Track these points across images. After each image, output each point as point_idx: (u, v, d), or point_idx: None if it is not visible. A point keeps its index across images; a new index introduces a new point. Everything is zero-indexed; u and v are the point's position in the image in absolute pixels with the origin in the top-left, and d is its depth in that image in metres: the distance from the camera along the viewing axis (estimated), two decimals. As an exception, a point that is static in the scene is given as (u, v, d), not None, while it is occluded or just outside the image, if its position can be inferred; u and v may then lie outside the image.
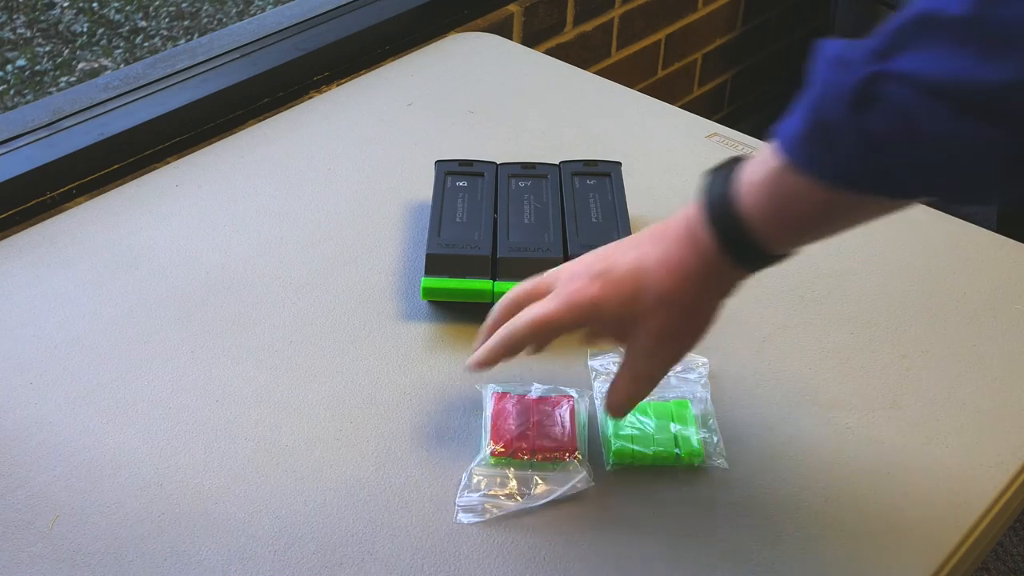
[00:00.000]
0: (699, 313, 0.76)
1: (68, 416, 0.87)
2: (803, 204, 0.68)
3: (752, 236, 0.71)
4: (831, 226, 0.72)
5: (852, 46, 0.63)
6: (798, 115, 0.67)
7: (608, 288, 0.76)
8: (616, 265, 0.77)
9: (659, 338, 0.76)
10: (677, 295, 0.74)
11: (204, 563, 0.76)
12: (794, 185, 0.68)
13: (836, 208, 0.68)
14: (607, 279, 0.77)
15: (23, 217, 1.13)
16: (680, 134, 1.26)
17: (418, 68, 1.37)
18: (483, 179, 1.07)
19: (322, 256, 1.05)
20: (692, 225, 0.74)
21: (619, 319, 0.77)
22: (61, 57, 2.73)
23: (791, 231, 0.72)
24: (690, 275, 0.74)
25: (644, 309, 0.75)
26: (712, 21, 2.12)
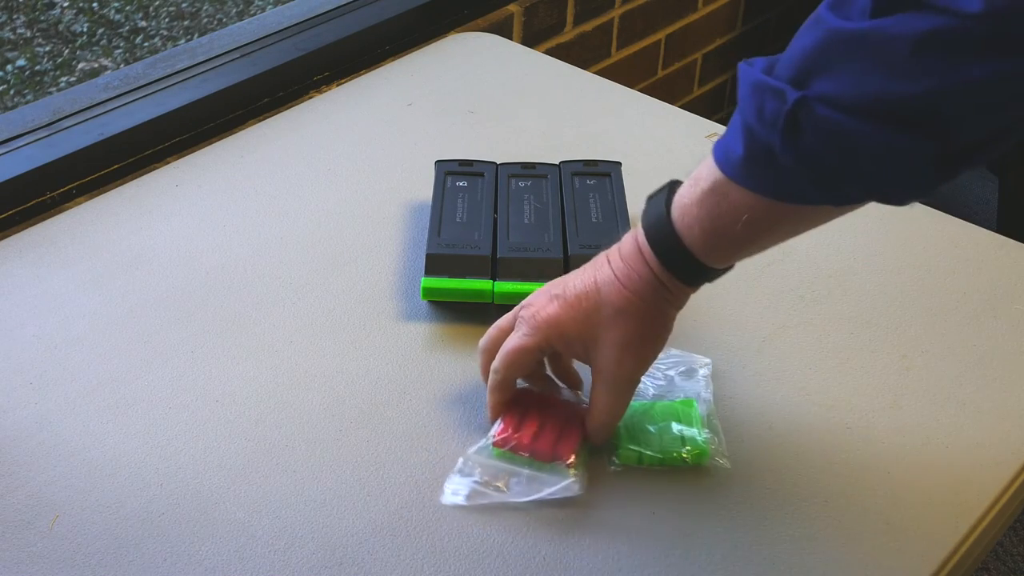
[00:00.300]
0: (656, 322, 0.81)
1: (68, 416, 0.87)
2: (745, 218, 0.73)
3: (691, 253, 0.77)
4: (776, 235, 0.77)
5: (771, 69, 0.67)
6: (736, 138, 0.70)
7: (566, 306, 0.81)
8: (572, 285, 0.82)
9: (622, 347, 0.80)
10: (632, 307, 0.79)
11: (204, 563, 0.76)
12: (737, 200, 0.72)
13: (783, 218, 0.73)
14: (564, 299, 0.81)
15: (23, 217, 1.13)
16: (680, 134, 1.26)
17: (418, 68, 1.37)
18: (483, 179, 1.07)
19: (322, 256, 1.05)
20: (640, 244, 0.80)
21: (580, 334, 0.81)
22: (61, 57, 2.73)
23: (732, 244, 0.77)
24: (641, 290, 0.79)
25: (603, 321, 0.80)
26: (712, 21, 2.12)
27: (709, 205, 0.76)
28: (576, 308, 0.80)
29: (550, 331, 0.81)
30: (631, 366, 0.81)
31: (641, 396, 0.88)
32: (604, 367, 0.81)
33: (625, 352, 0.80)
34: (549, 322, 0.81)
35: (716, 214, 0.75)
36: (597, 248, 0.98)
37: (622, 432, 0.85)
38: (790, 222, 0.75)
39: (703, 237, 0.76)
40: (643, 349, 0.81)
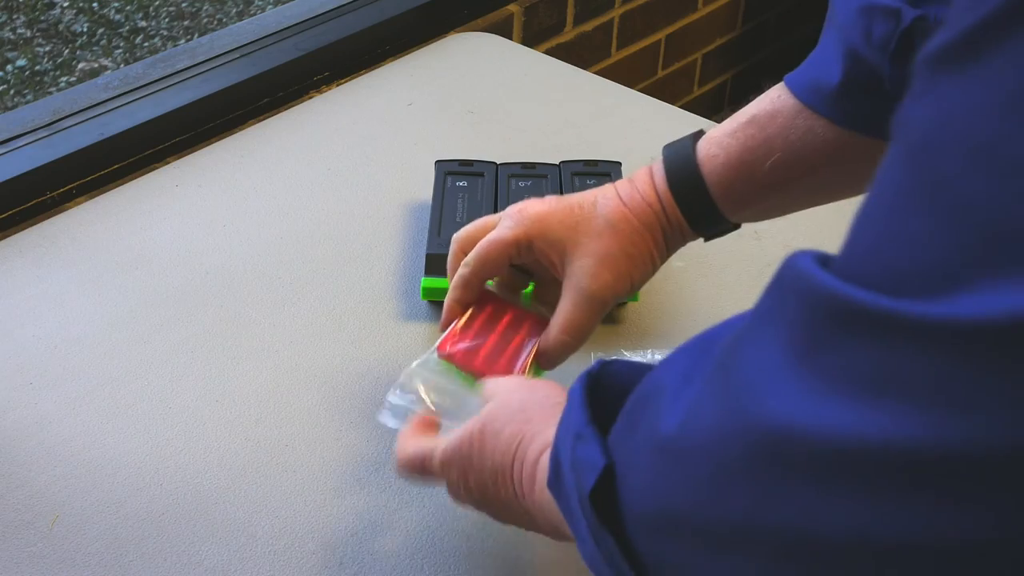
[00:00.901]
0: (643, 248, 0.77)
1: (68, 416, 0.87)
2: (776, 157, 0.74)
3: (705, 184, 0.76)
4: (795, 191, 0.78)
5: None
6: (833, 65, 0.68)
7: (557, 207, 0.78)
8: (571, 195, 0.80)
9: (602, 259, 0.76)
10: (624, 223, 0.76)
11: (204, 563, 0.76)
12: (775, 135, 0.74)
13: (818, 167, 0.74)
14: (558, 201, 0.79)
15: (23, 217, 1.13)
16: (680, 134, 1.25)
17: (418, 68, 1.37)
18: (483, 179, 1.07)
19: (322, 256, 1.05)
20: (653, 168, 0.78)
21: (563, 237, 0.77)
22: (61, 57, 2.73)
23: (749, 187, 0.76)
24: (639, 210, 0.77)
25: (591, 230, 0.77)
26: (712, 21, 2.12)
27: (743, 137, 0.74)
28: (566, 212, 0.78)
29: (533, 226, 0.77)
30: (606, 281, 0.77)
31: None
32: (577, 277, 0.77)
33: (603, 265, 0.76)
34: (535, 217, 0.78)
35: (747, 147, 0.73)
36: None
37: None
38: (821, 175, 0.72)
39: (724, 169, 0.75)
40: (622, 267, 0.77)
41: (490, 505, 0.67)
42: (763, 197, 0.76)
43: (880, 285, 0.36)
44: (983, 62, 0.34)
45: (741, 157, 0.74)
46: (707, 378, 0.44)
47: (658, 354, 0.91)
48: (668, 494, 0.45)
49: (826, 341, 0.38)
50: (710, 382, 0.44)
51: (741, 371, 0.41)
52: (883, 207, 0.38)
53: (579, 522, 0.51)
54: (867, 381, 0.36)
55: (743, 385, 0.41)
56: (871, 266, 0.37)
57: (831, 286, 0.37)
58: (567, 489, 0.53)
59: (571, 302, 0.77)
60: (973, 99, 0.34)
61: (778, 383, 0.39)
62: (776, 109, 0.75)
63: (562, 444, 0.54)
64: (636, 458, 0.48)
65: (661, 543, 0.47)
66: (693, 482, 0.43)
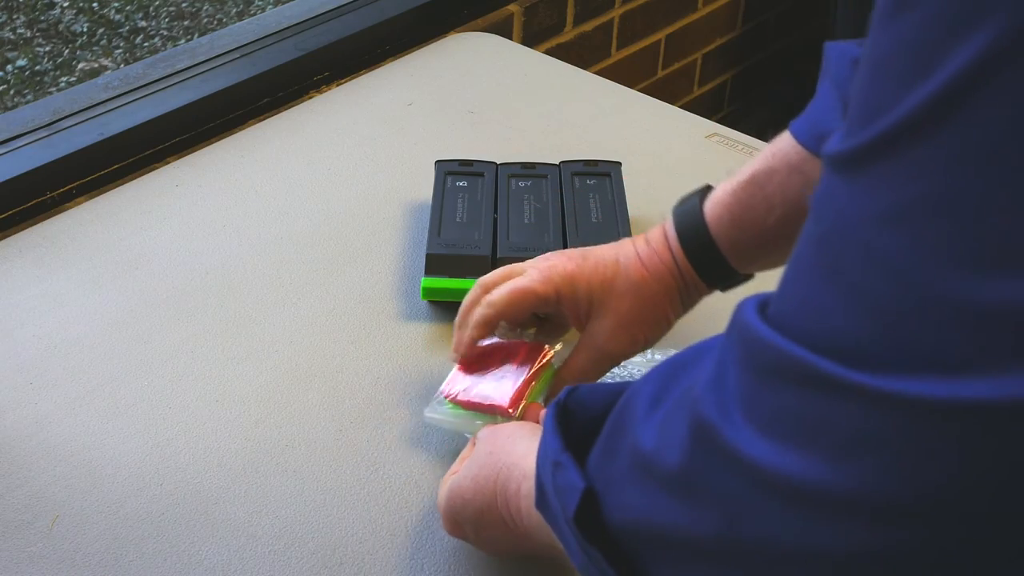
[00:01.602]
0: (660, 310, 0.82)
1: (68, 416, 0.87)
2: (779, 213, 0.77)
3: (715, 243, 0.80)
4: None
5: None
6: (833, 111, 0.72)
7: (586, 267, 0.82)
8: (593, 254, 0.83)
9: (620, 322, 0.81)
10: (645, 286, 0.81)
11: (204, 563, 0.76)
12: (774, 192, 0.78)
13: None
14: (585, 260, 0.82)
15: (23, 217, 1.13)
16: (680, 134, 1.26)
17: (418, 68, 1.37)
18: (483, 179, 1.07)
19: (322, 256, 1.05)
20: (667, 229, 0.82)
21: (589, 296, 0.81)
22: (61, 57, 2.73)
23: (756, 241, 0.79)
24: (658, 272, 0.81)
25: (615, 290, 0.81)
26: (712, 21, 2.12)
27: (744, 196, 0.79)
28: (593, 272, 0.81)
29: (563, 284, 0.81)
30: (621, 342, 0.81)
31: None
32: (596, 335, 0.81)
33: (621, 328, 0.81)
34: (565, 276, 0.81)
35: (749, 205, 0.78)
36: (597, 248, 0.99)
37: None
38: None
39: (730, 229, 0.79)
40: (639, 333, 0.82)
41: (488, 544, 0.73)
42: (771, 250, 0.80)
43: (803, 340, 0.42)
44: (871, 175, 0.40)
45: (744, 216, 0.78)
46: (674, 405, 0.49)
47: (658, 354, 0.91)
48: (649, 511, 0.49)
49: (762, 386, 0.44)
50: (677, 409, 0.49)
51: (700, 405, 0.46)
52: (802, 274, 0.44)
53: (568, 539, 0.55)
54: (792, 425, 0.42)
55: (702, 418, 0.46)
56: (797, 322, 0.43)
57: (767, 338, 0.43)
58: (553, 511, 0.57)
59: (586, 355, 0.82)
60: (862, 206, 0.40)
61: (729, 418, 0.45)
62: (772, 167, 0.79)
63: (543, 470, 0.58)
64: (616, 480, 0.52)
65: (650, 552, 0.51)
66: (669, 501, 0.47)
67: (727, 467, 0.44)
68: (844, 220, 0.41)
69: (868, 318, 0.40)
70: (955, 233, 0.38)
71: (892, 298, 0.39)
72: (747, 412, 0.44)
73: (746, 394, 0.44)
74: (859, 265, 0.40)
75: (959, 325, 0.38)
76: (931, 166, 0.38)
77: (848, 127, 0.42)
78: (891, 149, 0.39)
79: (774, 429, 0.43)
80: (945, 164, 0.38)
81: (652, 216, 1.09)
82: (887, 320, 0.40)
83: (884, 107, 0.40)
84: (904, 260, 0.39)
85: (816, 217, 0.43)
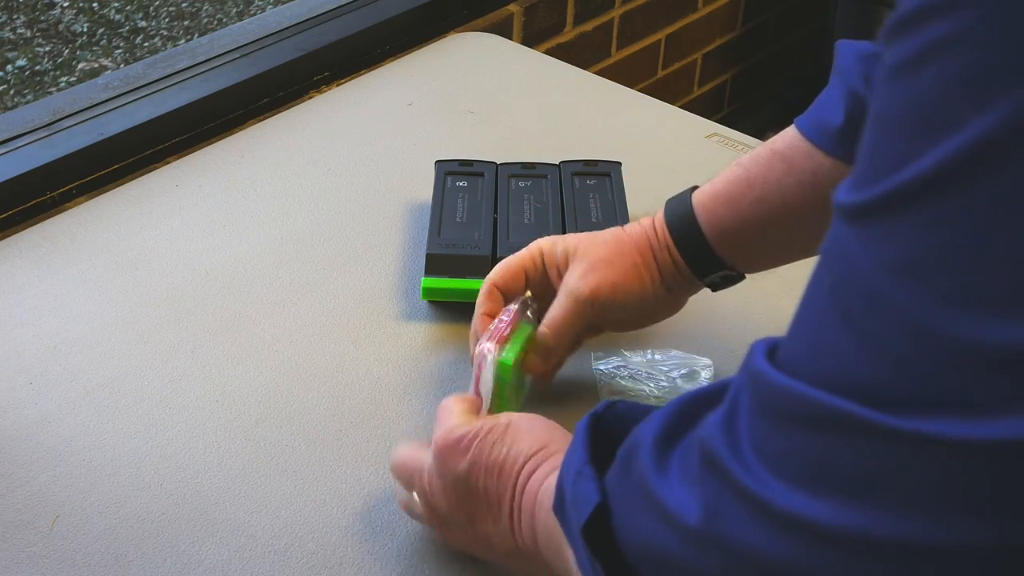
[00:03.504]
0: (633, 262, 0.85)
1: (68, 416, 0.87)
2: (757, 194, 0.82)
3: (695, 216, 0.84)
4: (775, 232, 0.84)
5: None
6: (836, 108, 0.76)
7: (568, 236, 0.88)
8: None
9: (592, 264, 0.85)
10: (620, 243, 0.85)
11: (204, 563, 0.76)
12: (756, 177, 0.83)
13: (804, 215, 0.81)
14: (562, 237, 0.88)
15: (23, 217, 1.13)
16: (680, 134, 1.26)
17: (418, 68, 1.37)
18: (483, 179, 1.07)
19: (322, 256, 1.05)
20: (655, 214, 0.87)
21: (566, 252, 0.86)
22: (61, 57, 2.73)
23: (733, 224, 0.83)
24: (636, 235, 0.85)
25: (592, 243, 0.85)
26: (712, 21, 2.12)
27: (731, 178, 0.83)
28: (573, 236, 0.87)
29: (544, 244, 0.86)
30: (590, 284, 0.83)
31: (644, 399, 0.88)
32: (568, 281, 0.84)
33: (591, 270, 0.83)
34: (547, 240, 0.87)
35: (736, 190, 0.82)
36: (597, 248, 0.99)
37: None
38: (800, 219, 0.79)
39: (713, 208, 0.83)
40: (609, 275, 0.83)
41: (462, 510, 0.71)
42: (755, 241, 0.83)
43: (817, 383, 0.43)
44: (885, 225, 0.41)
45: (730, 199, 0.82)
46: (685, 448, 0.51)
47: (657, 354, 0.91)
48: (658, 539, 0.50)
49: (774, 431, 0.45)
50: (687, 450, 0.50)
51: (710, 443, 0.47)
52: (814, 320, 0.45)
53: (578, 549, 0.57)
54: (806, 468, 0.43)
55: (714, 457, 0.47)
56: (811, 366, 0.44)
57: (779, 383, 0.44)
58: (569, 520, 0.58)
59: (557, 301, 0.85)
60: (874, 256, 0.42)
61: (742, 459, 0.46)
62: (763, 157, 0.83)
63: (566, 478, 0.59)
64: (629, 501, 0.54)
65: (654, 573, 0.52)
66: (678, 536, 0.48)
67: (739, 503, 0.45)
68: (856, 269, 0.42)
69: (882, 362, 0.41)
70: (968, 281, 0.39)
71: (905, 344, 0.40)
72: (759, 455, 0.45)
73: (758, 438, 0.45)
74: (871, 312, 0.42)
75: (973, 369, 0.39)
76: (949, 218, 0.39)
77: (858, 178, 0.43)
78: (905, 202, 0.41)
79: (787, 471, 0.44)
80: (965, 216, 0.39)
81: (652, 216, 1.09)
82: (901, 364, 0.41)
83: (898, 162, 0.41)
84: (916, 307, 0.40)
85: (827, 265, 0.44)
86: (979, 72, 0.39)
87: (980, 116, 0.38)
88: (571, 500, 0.58)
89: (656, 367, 0.91)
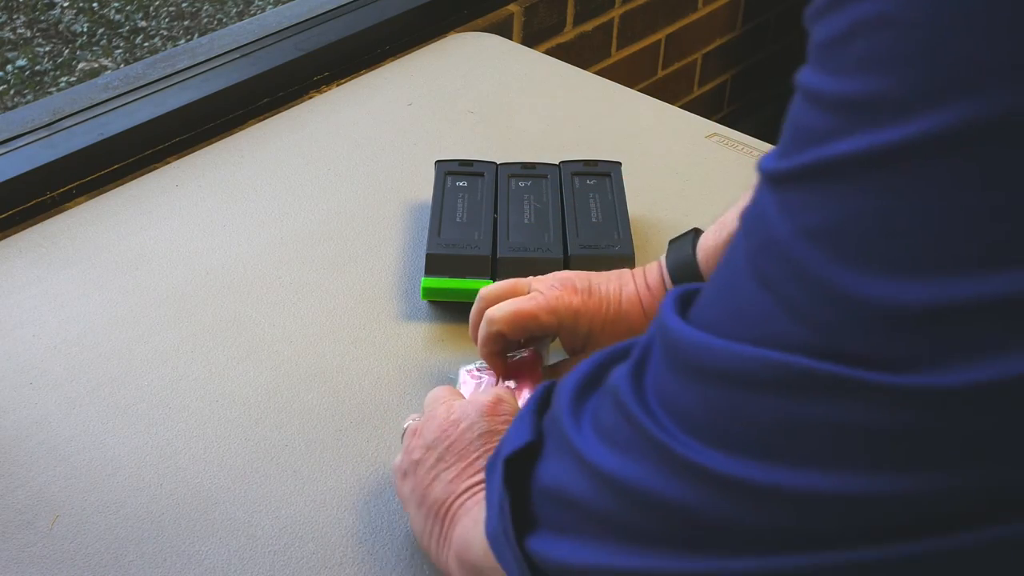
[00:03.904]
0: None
1: (68, 416, 0.87)
2: None
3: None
4: None
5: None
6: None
7: (590, 303, 0.83)
8: (597, 288, 0.84)
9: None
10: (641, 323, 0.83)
11: (204, 563, 0.76)
12: None
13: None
14: (590, 296, 0.84)
15: (23, 217, 1.13)
16: (680, 134, 1.26)
17: (418, 68, 1.37)
18: (483, 179, 1.07)
19: (322, 256, 1.05)
20: (665, 279, 0.84)
21: (590, 333, 0.83)
22: (61, 57, 2.73)
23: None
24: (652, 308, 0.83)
25: (616, 334, 0.83)
26: (712, 21, 2.12)
27: (730, 219, 0.81)
28: (597, 311, 0.83)
29: (566, 318, 0.83)
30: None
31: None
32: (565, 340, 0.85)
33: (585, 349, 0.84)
34: (569, 309, 0.83)
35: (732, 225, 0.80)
36: (597, 248, 0.99)
37: None
38: None
39: (716, 253, 0.81)
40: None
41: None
42: None
43: (719, 329, 0.45)
44: (805, 192, 0.43)
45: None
46: (599, 396, 0.53)
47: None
48: (573, 484, 0.52)
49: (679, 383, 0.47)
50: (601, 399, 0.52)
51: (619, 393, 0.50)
52: (737, 285, 0.46)
53: (495, 477, 0.58)
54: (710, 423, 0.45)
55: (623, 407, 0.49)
56: (734, 328, 0.45)
57: (691, 338, 0.46)
58: (499, 453, 0.59)
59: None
60: (790, 222, 0.43)
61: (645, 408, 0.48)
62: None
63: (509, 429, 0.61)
64: (551, 446, 0.56)
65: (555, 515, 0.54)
66: (590, 481, 0.51)
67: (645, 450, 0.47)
68: (774, 235, 0.44)
69: (799, 325, 0.43)
70: (882, 246, 0.41)
71: (820, 306, 0.42)
72: (665, 407, 0.47)
73: (666, 392, 0.47)
74: (788, 276, 0.43)
75: (883, 327, 0.41)
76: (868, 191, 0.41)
77: (784, 147, 0.44)
78: (829, 173, 0.42)
79: (693, 424, 0.46)
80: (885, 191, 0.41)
81: (652, 216, 1.09)
82: (817, 326, 0.42)
83: (824, 135, 0.42)
84: (828, 269, 0.41)
85: (747, 231, 0.46)
86: (906, 52, 0.40)
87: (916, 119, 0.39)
88: (505, 440, 0.59)
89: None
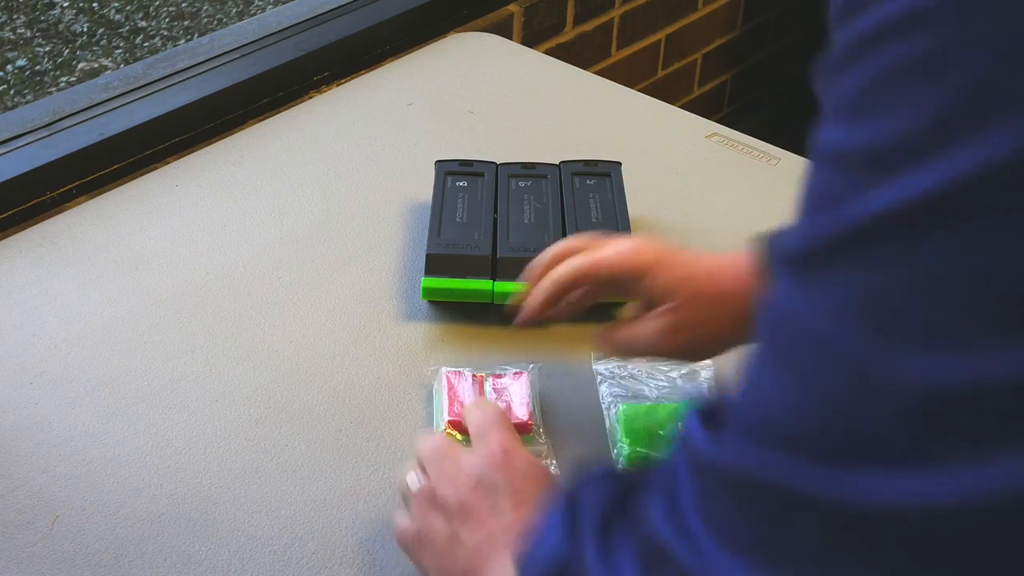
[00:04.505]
0: (728, 317, 0.79)
1: (68, 416, 0.87)
2: None
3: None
4: None
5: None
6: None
7: (670, 258, 0.80)
8: (676, 249, 0.82)
9: (692, 321, 0.79)
10: (722, 295, 0.79)
11: (204, 563, 0.76)
12: None
13: None
14: (668, 251, 0.81)
15: (23, 217, 1.13)
16: (680, 134, 1.26)
17: (418, 68, 1.37)
18: (483, 179, 1.07)
19: (322, 256, 1.05)
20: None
21: (666, 290, 0.80)
22: (61, 57, 2.73)
23: None
24: (741, 279, 0.78)
25: (692, 291, 0.79)
26: (712, 21, 2.12)
27: None
28: (678, 265, 0.80)
29: (642, 273, 0.80)
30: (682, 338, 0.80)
31: (643, 399, 0.88)
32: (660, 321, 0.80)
33: (689, 326, 0.80)
34: (646, 265, 0.80)
35: None
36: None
37: (628, 435, 0.84)
38: None
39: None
40: (702, 334, 0.80)
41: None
42: None
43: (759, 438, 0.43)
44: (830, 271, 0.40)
45: None
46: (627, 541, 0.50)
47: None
48: None
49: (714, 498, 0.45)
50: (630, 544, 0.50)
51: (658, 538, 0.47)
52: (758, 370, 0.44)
53: None
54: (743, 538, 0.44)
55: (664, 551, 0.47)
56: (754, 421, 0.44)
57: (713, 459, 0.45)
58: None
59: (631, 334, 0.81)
60: (815, 302, 0.41)
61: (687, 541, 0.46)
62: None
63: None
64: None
65: None
66: None
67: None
68: (796, 317, 0.42)
69: (823, 410, 0.41)
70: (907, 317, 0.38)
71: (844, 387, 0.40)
72: (708, 527, 0.45)
73: (705, 514, 0.45)
74: (813, 359, 0.41)
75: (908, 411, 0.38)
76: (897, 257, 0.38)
77: (801, 225, 0.42)
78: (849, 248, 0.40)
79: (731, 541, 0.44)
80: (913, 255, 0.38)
81: (652, 216, 1.09)
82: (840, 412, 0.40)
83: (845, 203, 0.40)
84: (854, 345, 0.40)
85: (766, 314, 0.44)
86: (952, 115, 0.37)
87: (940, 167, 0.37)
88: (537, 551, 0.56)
89: (656, 367, 0.91)
